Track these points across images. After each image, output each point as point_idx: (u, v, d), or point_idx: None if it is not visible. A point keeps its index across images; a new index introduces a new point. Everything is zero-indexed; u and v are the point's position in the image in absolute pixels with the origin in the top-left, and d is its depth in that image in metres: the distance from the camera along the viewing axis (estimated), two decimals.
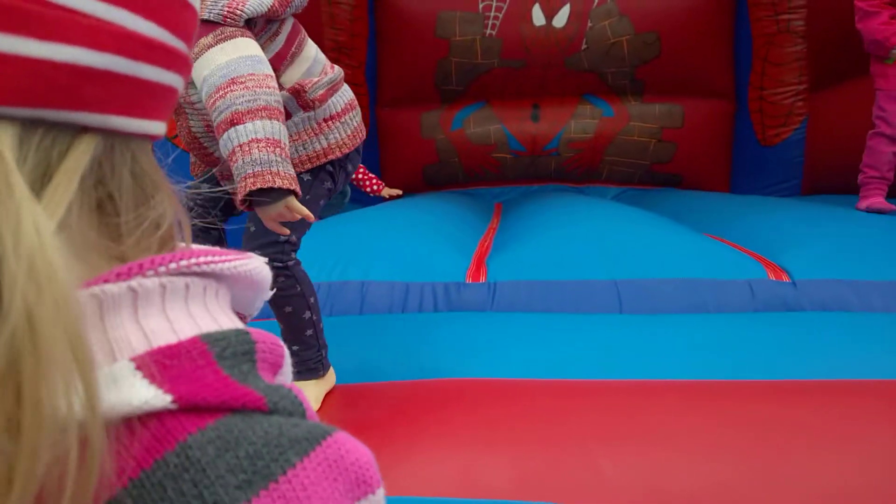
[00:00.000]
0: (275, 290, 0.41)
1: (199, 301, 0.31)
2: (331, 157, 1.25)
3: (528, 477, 0.83)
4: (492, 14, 4.27)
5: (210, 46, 1.08)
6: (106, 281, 0.28)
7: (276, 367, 0.32)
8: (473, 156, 4.46)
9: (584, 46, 4.21)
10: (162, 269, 0.30)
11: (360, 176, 3.41)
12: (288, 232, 1.12)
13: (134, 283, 0.28)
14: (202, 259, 0.31)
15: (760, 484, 0.88)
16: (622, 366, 1.31)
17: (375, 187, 3.46)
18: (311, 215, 1.09)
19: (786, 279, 1.65)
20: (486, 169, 4.53)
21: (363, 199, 3.48)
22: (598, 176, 4.46)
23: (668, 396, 1.11)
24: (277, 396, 0.29)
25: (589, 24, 4.18)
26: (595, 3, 4.18)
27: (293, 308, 1.23)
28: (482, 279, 1.76)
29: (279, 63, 1.24)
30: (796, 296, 1.60)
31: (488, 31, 4.26)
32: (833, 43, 3.57)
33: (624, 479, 0.85)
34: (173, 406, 0.26)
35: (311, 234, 2.17)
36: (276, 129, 1.03)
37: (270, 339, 0.32)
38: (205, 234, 1.37)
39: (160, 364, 0.27)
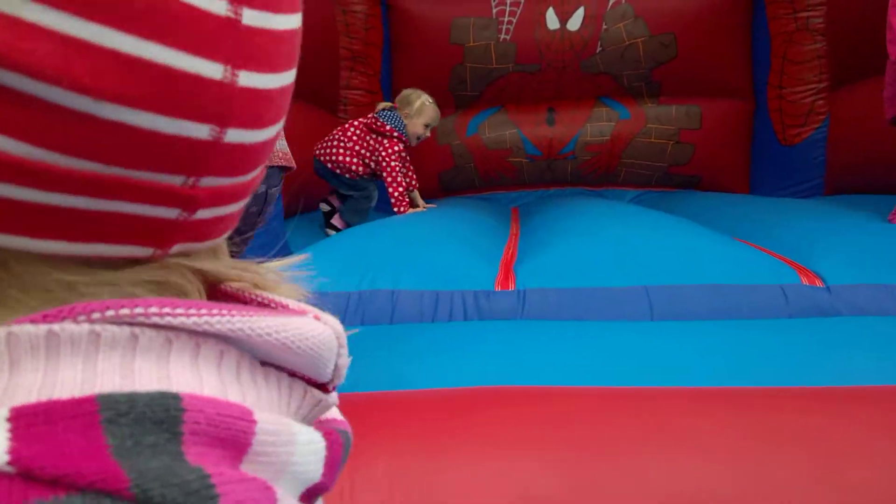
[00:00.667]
0: None
1: (155, 356, 0.26)
2: None
3: (577, 484, 0.82)
4: (506, 19, 4.27)
5: None
6: (33, 321, 0.25)
7: (230, 446, 0.26)
8: (489, 161, 4.46)
9: (599, 49, 4.20)
10: (96, 315, 0.25)
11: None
12: None
13: (56, 326, 0.25)
14: (153, 310, 0.26)
15: (804, 489, 0.87)
16: (656, 373, 1.30)
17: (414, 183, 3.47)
18: None
19: (819, 284, 1.63)
20: (501, 174, 4.53)
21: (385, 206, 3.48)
22: (616, 179, 4.45)
23: (707, 403, 1.10)
24: (160, 484, 0.22)
25: (604, 27, 4.17)
26: (609, 6, 4.17)
27: None
28: (511, 287, 1.76)
29: None
30: (831, 301, 1.58)
31: (502, 36, 4.27)
32: (853, 40, 3.53)
33: (672, 486, 0.84)
34: (9, 468, 0.21)
35: (339, 243, 2.19)
36: None
37: (227, 409, 0.26)
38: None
39: (31, 419, 0.23)
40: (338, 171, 3.19)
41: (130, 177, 0.27)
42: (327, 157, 3.19)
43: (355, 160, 3.16)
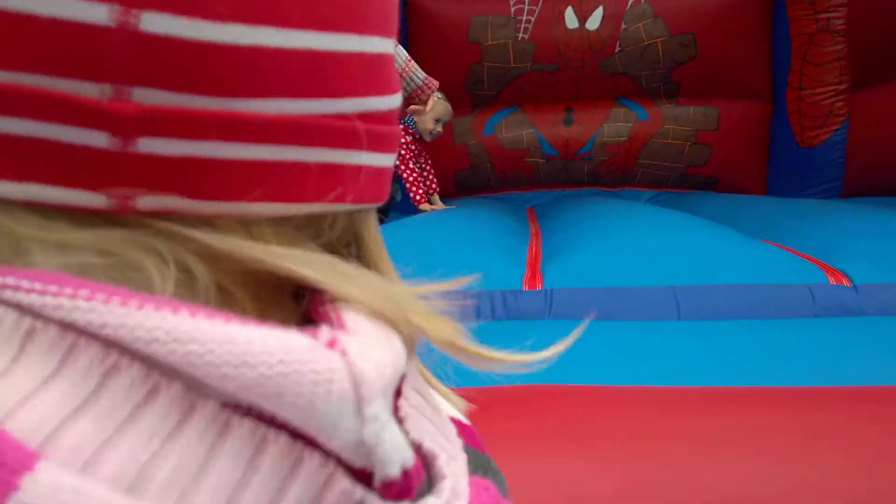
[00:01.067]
0: None
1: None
2: None
3: (628, 484, 0.84)
4: (524, 18, 4.29)
5: None
6: None
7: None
8: (506, 160, 4.48)
9: (618, 49, 4.21)
10: None
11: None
12: None
13: None
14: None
15: (856, 491, 0.89)
16: (686, 371, 1.32)
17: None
18: None
19: (846, 283, 1.64)
20: (518, 173, 4.55)
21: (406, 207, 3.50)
22: (632, 179, 4.45)
23: (744, 402, 1.12)
24: None
25: (623, 26, 4.18)
26: (629, 5, 4.17)
27: None
28: (539, 286, 1.78)
29: None
30: (858, 300, 1.59)
31: (521, 35, 4.28)
32: (874, 41, 3.53)
33: (724, 488, 0.86)
34: None
35: None
36: None
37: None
38: None
39: None
40: None
41: (21, 82, 0.21)
42: None
43: None
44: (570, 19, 4.23)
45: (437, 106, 3.32)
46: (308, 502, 0.19)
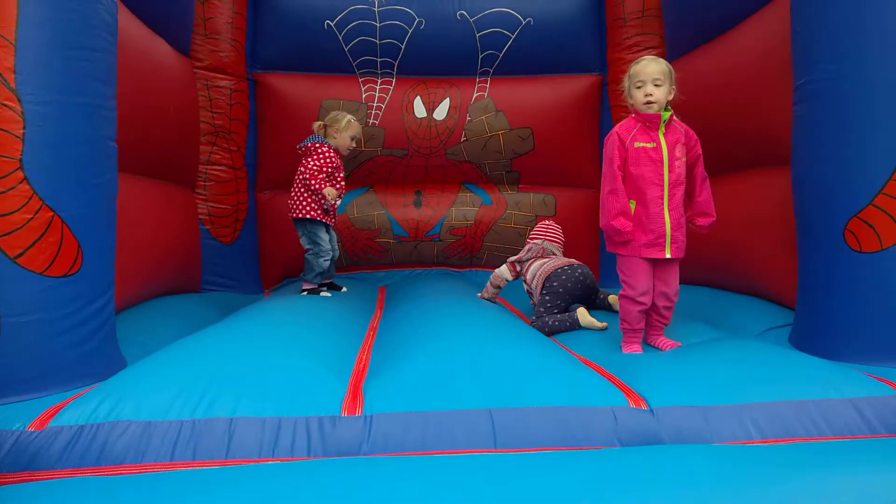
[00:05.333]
0: None
1: None
2: None
3: None
4: (374, 104, 4.38)
5: None
6: None
7: None
8: (357, 240, 4.46)
9: (463, 139, 4.41)
10: None
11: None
12: None
13: None
14: None
15: None
16: None
17: None
18: None
19: (644, 406, 1.75)
20: (370, 253, 4.54)
21: None
22: (479, 261, 4.61)
23: None
24: None
25: (468, 118, 4.40)
26: (473, 99, 4.41)
27: None
28: (358, 411, 1.72)
29: None
30: (656, 425, 1.70)
31: (371, 121, 4.36)
32: None
33: None
34: None
35: (181, 352, 1.99)
36: None
37: None
38: None
39: None
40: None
41: None
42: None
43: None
44: (419, 109, 4.38)
45: (352, 126, 3.62)
46: None
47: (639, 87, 2.32)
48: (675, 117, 2.40)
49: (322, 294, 3.56)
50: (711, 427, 1.69)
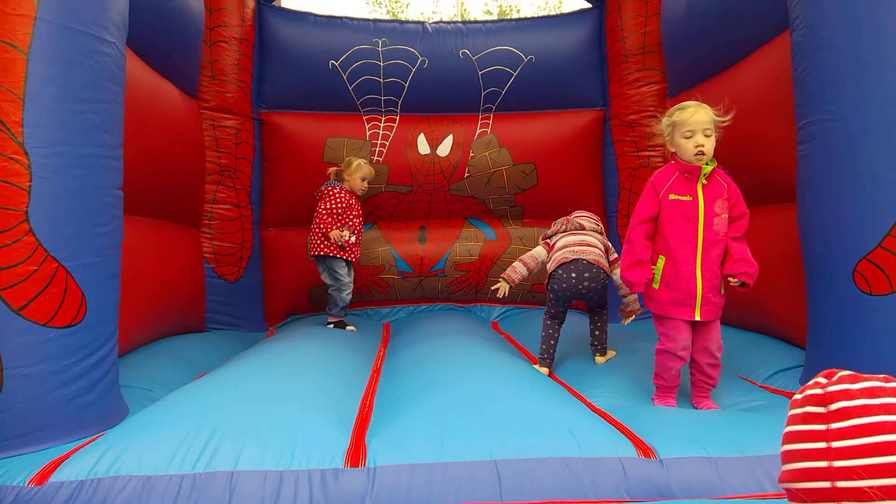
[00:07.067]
0: None
1: None
2: None
3: None
4: (378, 142, 4.41)
5: None
6: None
7: None
8: (362, 276, 4.46)
9: (467, 174, 4.43)
10: None
11: None
12: None
13: None
14: None
15: None
16: None
17: None
18: None
19: (653, 457, 1.72)
20: (374, 289, 4.53)
21: None
22: (483, 296, 4.59)
23: None
24: None
25: (471, 154, 4.43)
26: (476, 135, 4.45)
27: None
28: (361, 463, 1.70)
29: None
30: (665, 476, 1.66)
31: (375, 158, 4.39)
32: None
33: None
34: None
35: (182, 402, 1.97)
36: None
37: None
38: None
39: None
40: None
41: None
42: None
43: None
44: (423, 145, 4.42)
45: (362, 167, 3.89)
46: None
47: (688, 138, 2.16)
48: (719, 167, 2.22)
49: (348, 329, 3.85)
50: (723, 479, 1.65)
